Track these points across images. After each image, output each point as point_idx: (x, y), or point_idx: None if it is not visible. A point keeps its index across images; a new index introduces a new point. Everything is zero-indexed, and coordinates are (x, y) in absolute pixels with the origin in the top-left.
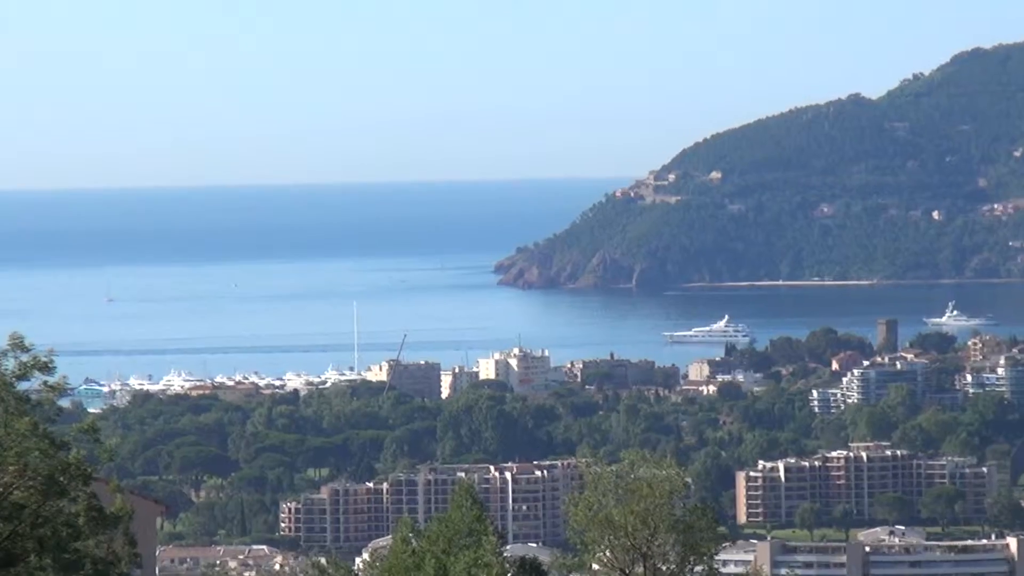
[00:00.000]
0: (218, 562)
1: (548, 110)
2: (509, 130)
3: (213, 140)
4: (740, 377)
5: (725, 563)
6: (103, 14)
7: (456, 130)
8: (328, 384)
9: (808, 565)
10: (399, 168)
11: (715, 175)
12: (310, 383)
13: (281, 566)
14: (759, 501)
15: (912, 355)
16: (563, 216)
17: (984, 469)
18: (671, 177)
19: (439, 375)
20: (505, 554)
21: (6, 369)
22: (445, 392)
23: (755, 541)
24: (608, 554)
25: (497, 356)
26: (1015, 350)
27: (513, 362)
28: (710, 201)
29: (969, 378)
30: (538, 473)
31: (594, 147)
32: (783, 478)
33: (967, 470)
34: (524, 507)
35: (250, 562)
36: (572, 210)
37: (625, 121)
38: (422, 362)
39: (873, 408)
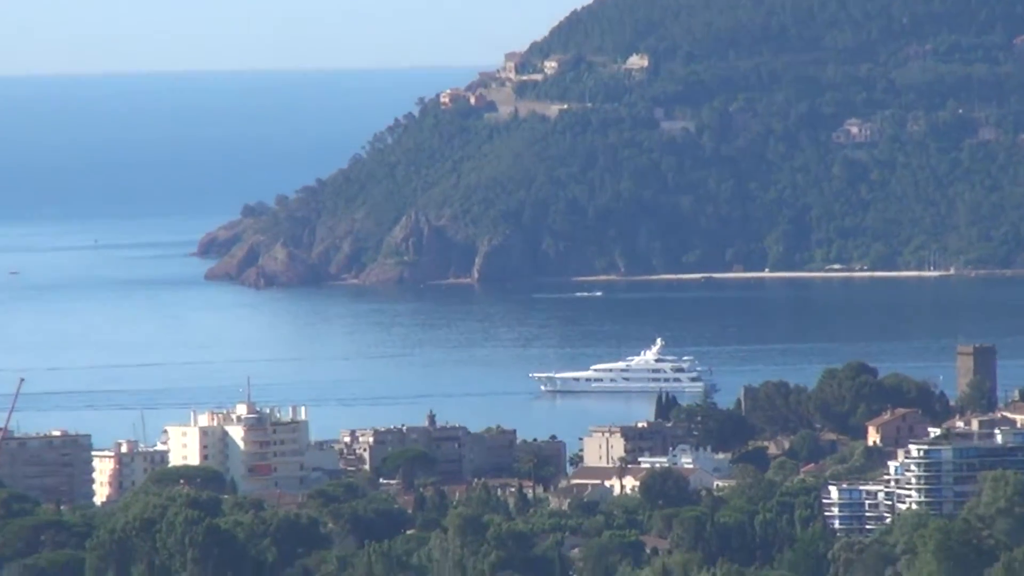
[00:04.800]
0: None
1: None
2: None
3: None
4: (687, 461)
5: None
6: None
7: None
8: None
9: None
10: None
11: (636, 62)
12: None
13: None
14: None
15: None
16: (337, 145)
17: None
18: (550, 66)
19: (89, 459)
20: None
21: None
22: (102, 493)
23: None
24: None
25: (205, 421)
26: None
27: (236, 433)
28: (627, 114)
29: None
30: None
31: (406, 18)
32: None
33: None
34: None
35: None
36: (355, 132)
37: None
38: (55, 433)
39: (948, 522)
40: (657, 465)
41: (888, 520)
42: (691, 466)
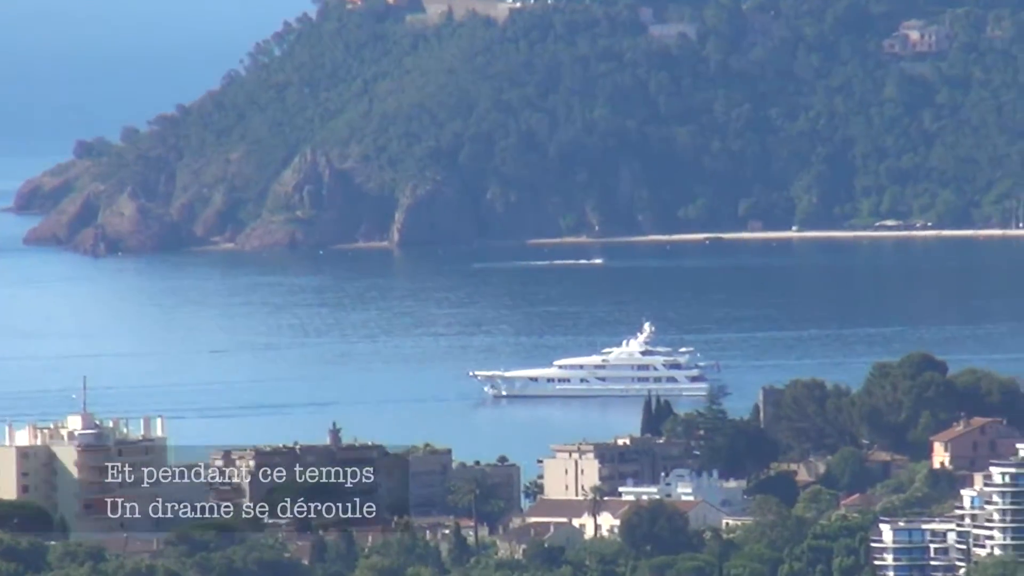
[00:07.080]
0: None
1: None
2: None
3: None
4: (685, 492)
5: None
6: None
7: None
8: None
9: None
10: None
11: None
12: None
13: None
14: None
15: None
16: (206, 57)
17: None
18: None
19: None
20: None
21: None
22: None
23: None
24: None
25: (25, 439)
26: None
27: (67, 455)
28: (603, 14)
29: None
30: None
31: None
32: None
33: None
34: None
35: None
36: (230, 39)
37: None
38: None
39: None
40: (645, 497)
41: (962, 571)
42: (691, 498)
